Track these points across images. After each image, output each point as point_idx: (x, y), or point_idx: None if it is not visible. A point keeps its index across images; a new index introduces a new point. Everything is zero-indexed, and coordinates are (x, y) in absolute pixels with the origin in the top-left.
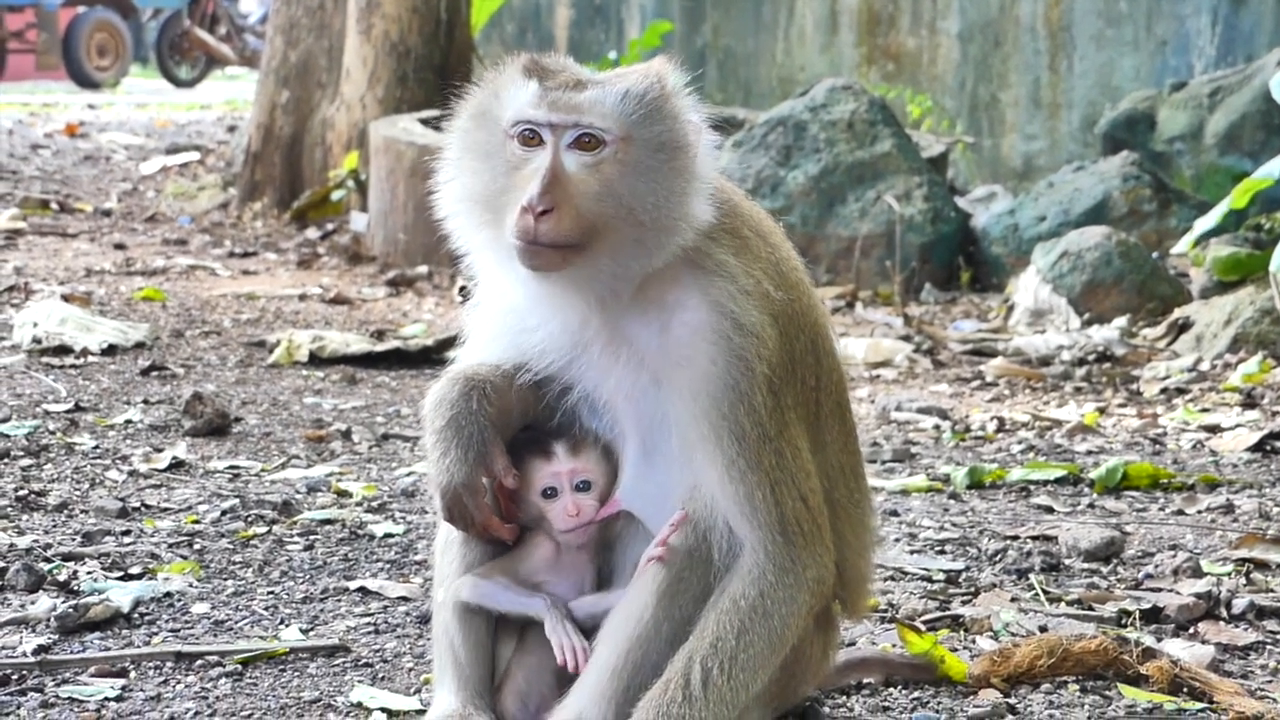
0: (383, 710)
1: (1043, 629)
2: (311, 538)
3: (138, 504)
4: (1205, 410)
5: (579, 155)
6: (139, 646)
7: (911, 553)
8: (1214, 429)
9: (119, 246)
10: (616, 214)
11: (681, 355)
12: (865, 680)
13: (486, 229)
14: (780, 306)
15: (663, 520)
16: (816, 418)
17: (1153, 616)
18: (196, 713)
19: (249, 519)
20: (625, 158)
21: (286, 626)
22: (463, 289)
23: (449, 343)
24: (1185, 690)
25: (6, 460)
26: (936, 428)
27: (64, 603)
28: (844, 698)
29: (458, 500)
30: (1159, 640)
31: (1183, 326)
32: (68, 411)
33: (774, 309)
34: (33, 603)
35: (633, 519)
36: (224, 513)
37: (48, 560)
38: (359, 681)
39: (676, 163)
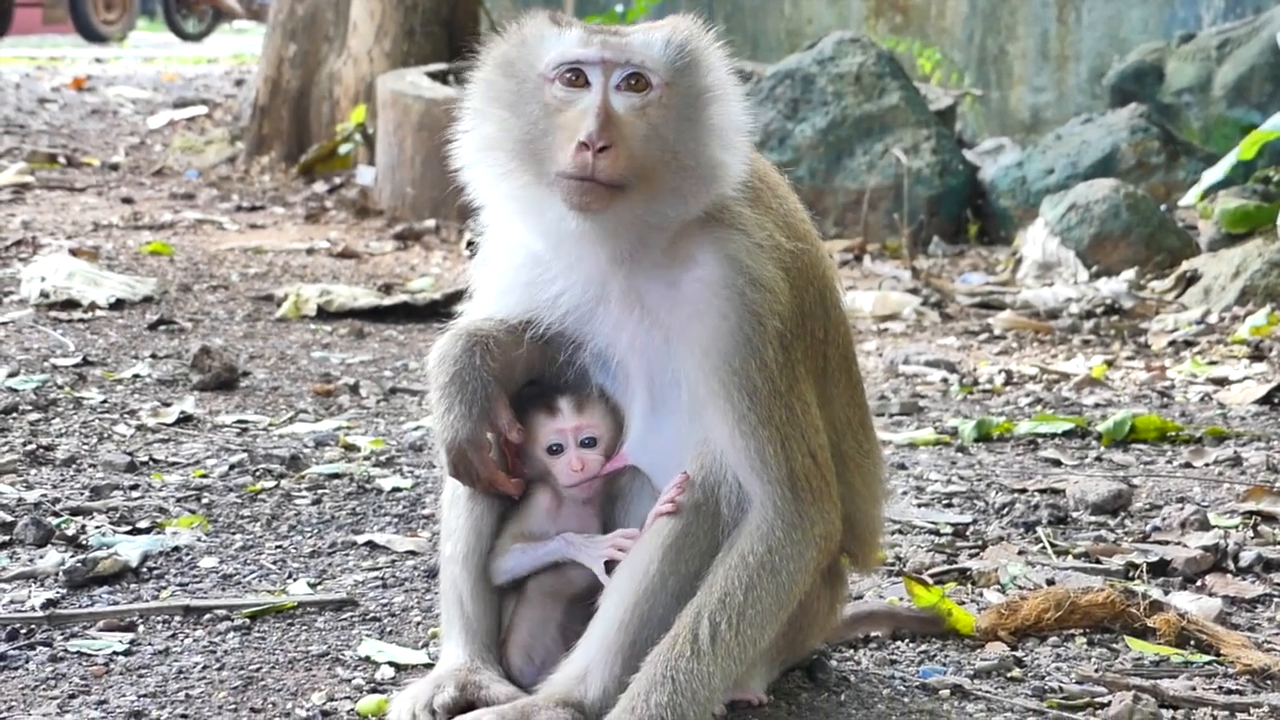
0: (390, 664)
1: (1050, 582)
2: (319, 492)
3: (146, 458)
4: (1213, 363)
5: (627, 96)
6: (147, 600)
7: (919, 506)
8: (1222, 382)
9: (126, 201)
10: (662, 158)
11: (693, 310)
12: (873, 634)
13: (517, 175)
14: (791, 260)
15: (669, 476)
16: (824, 371)
17: (1160, 569)
18: (205, 666)
19: (257, 473)
20: (669, 103)
21: (294, 580)
22: (470, 243)
23: (457, 296)
24: (1192, 643)
25: (15, 415)
26: (944, 380)
27: (72, 557)
28: (851, 651)
29: (462, 455)
30: (1166, 593)
31: (1191, 279)
32: (76, 366)
33: (785, 263)
34: (41, 557)
35: (639, 474)
36: (232, 467)
37: (56, 514)
38: (367, 635)
39: (715, 112)
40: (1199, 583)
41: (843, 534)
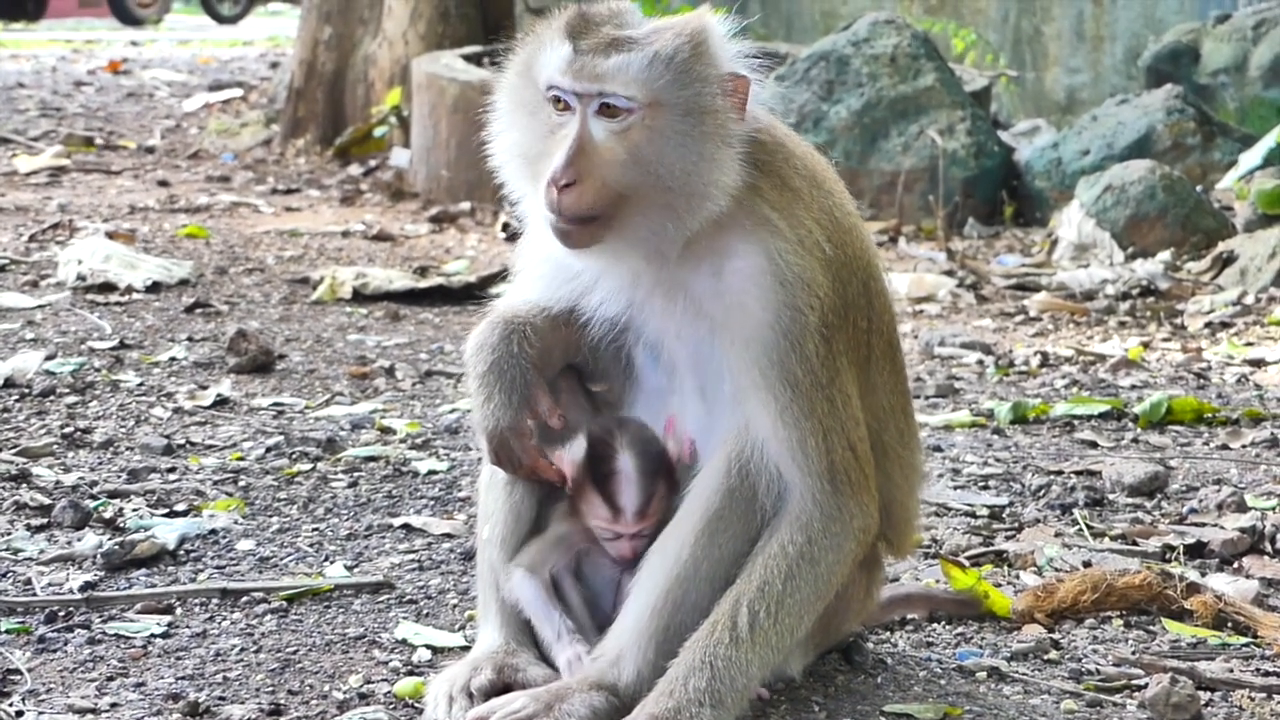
0: (427, 646)
1: (1087, 564)
2: (355, 475)
3: (183, 441)
4: (1249, 344)
5: (605, 122)
6: (185, 583)
7: (955, 488)
8: (1258, 363)
9: (162, 184)
10: (644, 181)
11: (735, 302)
12: (909, 616)
13: (529, 194)
14: (832, 253)
15: None
16: (868, 360)
17: (1197, 551)
18: (242, 649)
19: (293, 456)
20: (653, 123)
21: (331, 563)
22: (505, 225)
23: (492, 279)
24: (1229, 625)
25: (52, 398)
26: (980, 363)
27: (110, 540)
28: (888, 634)
29: (505, 444)
30: (1203, 575)
31: (1227, 260)
32: (113, 349)
33: (826, 255)
34: (79, 539)
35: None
36: (268, 450)
37: (94, 497)
38: (403, 618)
39: (705, 127)
40: (1236, 564)
41: (879, 522)
